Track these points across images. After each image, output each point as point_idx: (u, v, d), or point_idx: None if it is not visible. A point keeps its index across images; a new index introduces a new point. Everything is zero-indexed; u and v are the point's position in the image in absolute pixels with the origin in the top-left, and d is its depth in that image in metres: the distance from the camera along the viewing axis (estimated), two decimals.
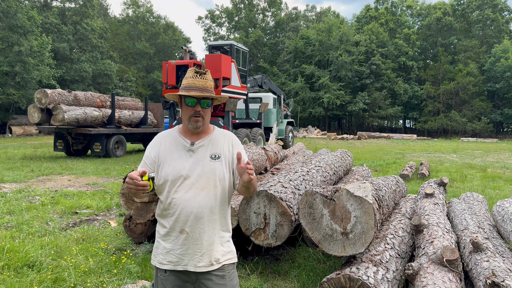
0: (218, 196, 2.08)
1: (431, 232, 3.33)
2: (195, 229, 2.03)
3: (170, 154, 2.10)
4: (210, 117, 2.20)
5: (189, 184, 2.04)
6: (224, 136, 2.20)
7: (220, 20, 57.26)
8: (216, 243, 2.07)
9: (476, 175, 11.58)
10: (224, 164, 2.11)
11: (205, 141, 2.13)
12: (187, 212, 2.03)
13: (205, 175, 2.05)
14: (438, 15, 46.48)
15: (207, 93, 2.06)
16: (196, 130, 2.09)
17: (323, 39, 44.20)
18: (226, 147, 2.15)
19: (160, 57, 51.86)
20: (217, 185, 2.07)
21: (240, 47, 15.29)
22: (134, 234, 4.87)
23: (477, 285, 2.50)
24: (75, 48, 38.98)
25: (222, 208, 2.12)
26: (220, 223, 2.11)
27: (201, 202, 2.03)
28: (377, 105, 43.20)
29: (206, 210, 2.04)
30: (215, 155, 2.10)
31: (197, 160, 2.08)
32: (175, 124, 14.37)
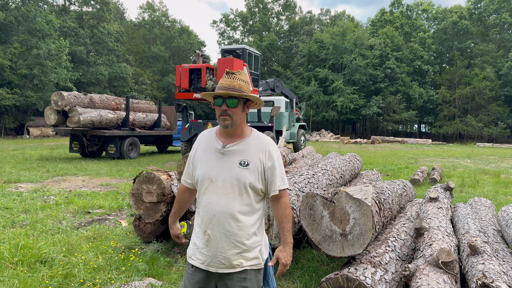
0: (243, 203, 2.07)
1: (431, 235, 3.37)
2: (216, 233, 2.07)
3: (203, 154, 2.18)
4: (242, 119, 2.14)
5: (215, 187, 2.08)
6: (259, 143, 2.13)
7: (234, 24, 57.63)
8: (238, 249, 2.07)
9: (489, 180, 11.46)
10: (252, 172, 2.06)
11: (238, 146, 2.11)
12: (210, 215, 2.08)
13: (230, 180, 2.06)
14: (454, 19, 45.97)
15: (232, 91, 2.05)
16: (225, 129, 2.10)
17: (337, 43, 44.11)
18: (258, 155, 2.09)
19: (175, 60, 52.40)
20: (242, 193, 2.06)
21: (252, 51, 15.43)
22: (143, 233, 5.01)
23: (471, 286, 2.54)
24: (92, 51, 39.71)
25: (248, 216, 2.09)
26: (245, 230, 2.08)
27: (223, 207, 2.05)
28: (392, 109, 42.87)
29: (228, 216, 2.04)
30: (245, 161, 2.07)
31: (226, 163, 2.09)
32: (188, 126, 14.56)
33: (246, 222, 2.07)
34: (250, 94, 2.10)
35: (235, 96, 2.06)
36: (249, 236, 2.09)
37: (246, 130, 2.18)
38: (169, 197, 4.51)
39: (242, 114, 2.12)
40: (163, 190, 4.50)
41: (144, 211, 4.62)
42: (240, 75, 2.12)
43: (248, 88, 2.12)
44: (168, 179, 4.63)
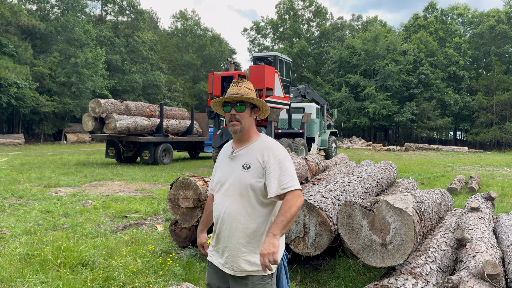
0: (246, 205, 2.12)
1: (474, 247, 3.26)
2: (221, 232, 2.19)
3: (220, 162, 2.36)
4: (250, 124, 2.23)
5: (222, 190, 2.22)
6: (261, 146, 2.20)
7: (265, 31, 57.95)
8: (241, 251, 2.12)
9: None
10: (253, 174, 2.13)
11: (243, 150, 2.22)
12: (217, 216, 2.22)
13: (234, 183, 2.16)
14: (492, 23, 44.46)
15: (240, 96, 2.18)
16: (235, 134, 2.22)
17: (369, 48, 43.53)
18: (258, 157, 2.15)
19: (207, 68, 53.20)
20: (243, 195, 2.12)
21: (284, 58, 15.47)
22: (179, 238, 5.09)
23: None
24: (127, 59, 40.90)
25: (250, 218, 2.13)
26: (247, 232, 2.12)
27: (227, 208, 2.15)
28: (426, 116, 41.80)
29: (230, 218, 2.14)
30: (247, 164, 2.15)
31: (233, 168, 2.20)
32: (219, 133, 14.72)
33: (249, 224, 2.12)
34: (256, 98, 2.21)
35: (243, 101, 2.19)
36: (251, 239, 2.13)
37: (254, 135, 2.26)
38: (205, 202, 4.56)
39: (250, 119, 2.23)
40: (199, 196, 4.56)
41: (181, 216, 4.70)
42: (246, 84, 2.25)
43: (254, 96, 2.24)
44: (204, 185, 4.69)
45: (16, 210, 6.82)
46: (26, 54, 28.11)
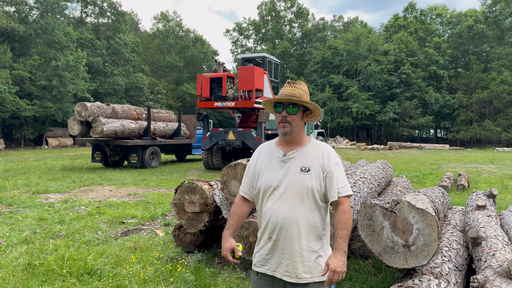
0: (306, 209, 2.09)
1: (490, 245, 3.28)
2: (280, 238, 2.11)
3: (265, 165, 2.23)
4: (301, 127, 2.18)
5: (277, 195, 2.13)
6: (318, 149, 2.17)
7: (247, 33, 57.97)
8: (300, 256, 2.08)
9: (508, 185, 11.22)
10: (314, 177, 2.09)
11: (297, 153, 2.15)
12: (274, 222, 2.11)
13: (292, 187, 2.09)
14: (470, 23, 45.53)
15: (294, 98, 2.10)
16: (284, 136, 2.16)
17: (351, 49, 44.01)
18: (318, 160, 2.12)
19: (189, 69, 52.86)
20: (304, 198, 2.08)
21: (272, 59, 15.47)
22: (183, 243, 4.99)
23: None
24: (108, 62, 40.28)
25: (311, 222, 2.10)
26: (307, 237, 2.09)
27: (287, 213, 2.08)
28: (408, 115, 42.50)
29: (291, 222, 2.07)
30: (306, 167, 2.10)
31: (288, 171, 2.12)
32: (208, 135, 14.61)
33: (310, 228, 2.09)
34: (309, 102, 2.14)
35: (295, 103, 2.12)
36: (313, 245, 2.10)
37: (305, 138, 2.23)
38: (211, 207, 4.48)
39: (301, 122, 2.17)
40: (205, 200, 4.48)
41: (187, 221, 4.60)
42: (300, 85, 2.18)
43: (308, 98, 2.17)
44: (210, 189, 4.61)
45: (7, 219, 6.59)
46: (5, 57, 27.37)
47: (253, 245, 4.24)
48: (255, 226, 4.19)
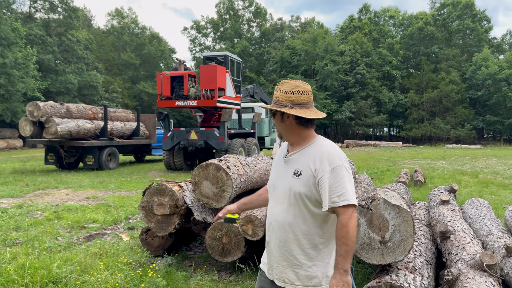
0: (297, 214, 1.99)
1: (459, 239, 3.41)
2: (272, 241, 2.09)
3: (275, 163, 2.24)
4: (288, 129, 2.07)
5: (274, 196, 2.12)
6: (314, 152, 2.00)
7: (205, 31, 57.44)
8: (289, 261, 2.01)
9: (469, 181, 11.82)
10: (304, 183, 1.97)
11: (296, 154, 2.06)
12: (268, 222, 2.14)
13: (284, 190, 2.03)
14: (420, 25, 47.60)
15: (273, 106, 2.06)
16: (280, 139, 2.18)
17: (309, 49, 44.75)
18: (310, 165, 1.97)
19: (146, 67, 51.63)
20: (292, 203, 1.99)
21: (234, 57, 15.40)
22: (151, 247, 4.83)
23: None
24: (60, 59, 38.54)
25: (302, 229, 1.99)
26: (298, 244, 1.99)
27: (278, 216, 2.05)
28: (363, 114, 43.82)
29: (281, 226, 2.03)
30: (298, 171, 1.99)
31: (285, 172, 2.06)
32: (170, 135, 14.32)
33: (300, 235, 1.99)
34: (277, 105, 2.02)
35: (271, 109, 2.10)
36: (302, 251, 1.99)
37: (308, 138, 2.06)
38: (182, 208, 4.37)
39: (283, 125, 2.06)
40: (176, 202, 4.35)
41: (156, 224, 4.45)
42: (280, 86, 2.07)
43: (287, 97, 2.01)
44: (180, 190, 4.49)
45: None
46: None
47: (225, 247, 4.18)
48: (228, 227, 4.13)
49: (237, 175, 4.32)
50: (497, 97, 41.37)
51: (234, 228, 4.08)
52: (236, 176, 4.30)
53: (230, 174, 4.17)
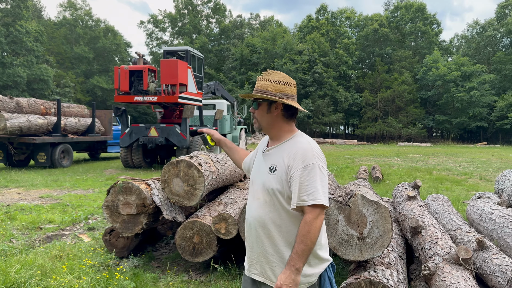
0: (272, 211, 1.92)
1: (430, 233, 3.48)
2: (249, 236, 2.04)
3: (257, 156, 2.15)
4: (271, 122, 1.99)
5: (252, 191, 2.06)
6: (292, 147, 1.93)
7: (163, 25, 56.23)
8: (265, 258, 1.95)
9: (424, 177, 12.29)
10: (277, 179, 1.90)
11: (274, 150, 2.00)
12: (246, 218, 2.08)
13: (260, 185, 1.98)
14: (375, 27, 49.08)
15: (255, 93, 1.96)
16: (257, 131, 2.10)
17: (268, 47, 44.98)
18: (284, 161, 1.91)
19: (100, 61, 49.83)
20: (267, 199, 1.93)
21: (196, 53, 15.12)
22: (115, 248, 4.61)
23: (494, 280, 2.65)
24: (8, 51, 36.33)
25: (277, 226, 1.92)
26: (273, 240, 1.93)
27: (254, 212, 2.00)
28: (321, 112, 44.63)
29: (257, 222, 1.96)
30: (273, 166, 1.94)
31: (262, 167, 2.01)
32: (128, 131, 13.86)
33: (275, 233, 1.92)
34: (266, 94, 1.92)
35: (255, 98, 1.99)
36: (277, 249, 1.92)
37: (286, 133, 2.00)
38: (150, 208, 4.18)
39: (268, 116, 1.97)
40: (143, 201, 4.16)
41: (121, 224, 4.24)
42: (268, 75, 1.99)
43: (277, 87, 1.94)
44: (148, 189, 4.30)
45: None
46: None
47: (196, 246, 4.05)
48: (200, 226, 4.00)
49: (209, 172, 4.20)
50: (446, 97, 43.53)
51: (206, 227, 3.96)
52: (208, 173, 4.17)
53: (202, 171, 4.04)
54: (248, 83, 43.50)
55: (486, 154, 23.14)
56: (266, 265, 1.96)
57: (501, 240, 3.51)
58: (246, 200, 4.35)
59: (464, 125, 43.44)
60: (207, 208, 4.36)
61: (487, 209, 4.29)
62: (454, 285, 2.50)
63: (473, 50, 50.59)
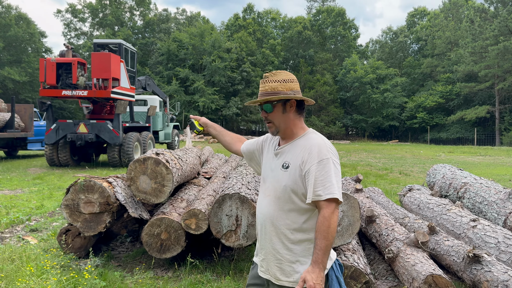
0: (282, 208, 1.94)
1: (385, 221, 3.89)
2: (261, 233, 2.06)
3: (266, 154, 2.16)
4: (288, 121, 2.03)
5: (264, 188, 2.07)
6: (304, 144, 1.97)
7: (82, 15, 53.02)
8: (273, 256, 1.97)
9: (351, 172, 13.18)
10: (291, 176, 1.92)
11: (286, 147, 2.03)
12: (258, 216, 2.09)
13: (273, 183, 1.99)
14: (299, 29, 51.02)
15: (265, 96, 1.97)
16: (274, 135, 2.10)
17: (196, 44, 44.61)
18: (298, 157, 1.94)
19: (11, 52, 45.53)
20: (280, 197, 1.94)
21: (129, 46, 14.62)
22: (72, 249, 4.44)
23: (448, 259, 3.09)
24: None
25: (287, 224, 1.94)
26: (283, 238, 1.94)
27: (264, 209, 2.01)
28: (249, 110, 45.36)
29: (267, 219, 1.98)
30: (286, 163, 1.96)
31: (275, 166, 2.03)
32: (54, 127, 13.03)
33: (285, 230, 1.93)
34: (280, 94, 1.95)
35: (267, 101, 1.98)
36: (285, 246, 1.94)
37: (299, 130, 2.04)
38: (114, 206, 4.11)
39: (284, 116, 2.00)
40: (107, 199, 4.08)
41: (83, 223, 4.12)
42: (273, 76, 2.00)
43: (287, 86, 1.98)
44: (110, 187, 4.22)
45: None
46: None
47: (164, 243, 4.08)
48: (168, 223, 4.03)
49: (175, 169, 4.23)
50: (363, 98, 46.69)
51: (175, 224, 4.01)
52: (175, 170, 4.21)
53: (170, 168, 4.07)
54: (176, 79, 42.77)
55: (400, 151, 25.33)
56: (273, 262, 1.97)
57: (440, 226, 4.03)
58: (211, 197, 4.46)
59: (378, 124, 46.95)
60: (171, 205, 4.39)
61: (424, 199, 4.86)
62: (418, 264, 2.89)
63: (387, 54, 54.89)
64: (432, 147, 31.77)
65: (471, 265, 2.85)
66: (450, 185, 5.09)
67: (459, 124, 40.94)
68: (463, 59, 39.60)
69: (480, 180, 4.83)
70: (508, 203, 3.98)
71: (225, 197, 3.84)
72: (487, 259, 2.81)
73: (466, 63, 38.66)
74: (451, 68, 43.06)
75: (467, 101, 42.06)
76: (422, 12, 54.09)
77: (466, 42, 38.72)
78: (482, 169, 14.34)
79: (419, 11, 54.31)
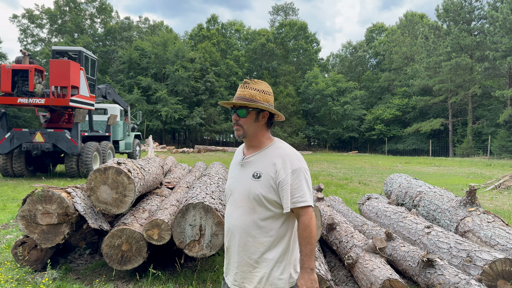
0: (257, 218, 1.97)
1: (345, 229, 4.02)
2: (231, 245, 2.06)
3: (231, 167, 2.19)
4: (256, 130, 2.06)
5: (232, 200, 2.07)
6: (275, 154, 2.00)
7: (40, 21, 51.25)
8: (249, 266, 1.99)
9: (312, 182, 13.43)
10: (264, 185, 1.95)
11: (254, 157, 2.05)
12: (227, 227, 2.09)
13: (243, 193, 2.00)
14: (262, 41, 51.70)
15: (242, 101, 2.00)
16: (239, 139, 2.11)
17: (159, 53, 44.16)
18: (270, 167, 1.97)
19: None
20: (253, 206, 1.97)
21: (89, 54, 14.29)
22: (28, 262, 4.27)
23: (405, 264, 3.23)
24: None
25: (263, 232, 1.97)
26: (258, 246, 1.97)
27: (236, 220, 2.01)
28: (213, 120, 45.26)
29: (240, 231, 1.99)
30: (257, 173, 1.98)
31: (243, 175, 2.04)
32: (8, 136, 12.49)
33: (261, 238, 1.97)
34: (258, 103, 1.99)
35: (244, 106, 2.01)
36: (262, 254, 1.97)
37: (266, 140, 2.08)
38: (74, 216, 4.01)
39: (255, 124, 2.03)
40: (66, 210, 3.97)
41: (40, 235, 3.98)
42: (254, 84, 2.05)
43: (265, 97, 2.03)
44: (69, 197, 4.11)
45: None
46: None
47: (125, 254, 4.01)
48: (129, 234, 3.97)
49: (138, 179, 4.19)
50: (324, 110, 47.78)
51: (136, 235, 3.95)
52: (138, 180, 4.16)
53: (132, 178, 4.02)
54: (137, 88, 42.06)
55: (359, 162, 26.04)
56: (249, 274, 1.98)
57: (397, 233, 4.21)
58: (174, 207, 4.43)
59: (339, 135, 48.12)
60: (133, 216, 4.33)
61: (382, 207, 5.05)
62: (376, 269, 3.01)
63: (346, 68, 56.61)
64: (390, 158, 32.89)
65: (425, 269, 3.01)
66: (406, 194, 5.32)
67: (415, 136, 42.69)
68: (419, 74, 41.48)
69: (434, 189, 5.08)
70: (460, 211, 4.22)
71: (189, 206, 3.83)
72: (440, 263, 2.97)
73: (422, 78, 40.52)
74: (407, 82, 44.95)
75: (422, 114, 43.97)
76: (380, 28, 56.31)
77: (421, 57, 40.59)
78: (436, 179, 15.02)
79: (377, 27, 56.50)
